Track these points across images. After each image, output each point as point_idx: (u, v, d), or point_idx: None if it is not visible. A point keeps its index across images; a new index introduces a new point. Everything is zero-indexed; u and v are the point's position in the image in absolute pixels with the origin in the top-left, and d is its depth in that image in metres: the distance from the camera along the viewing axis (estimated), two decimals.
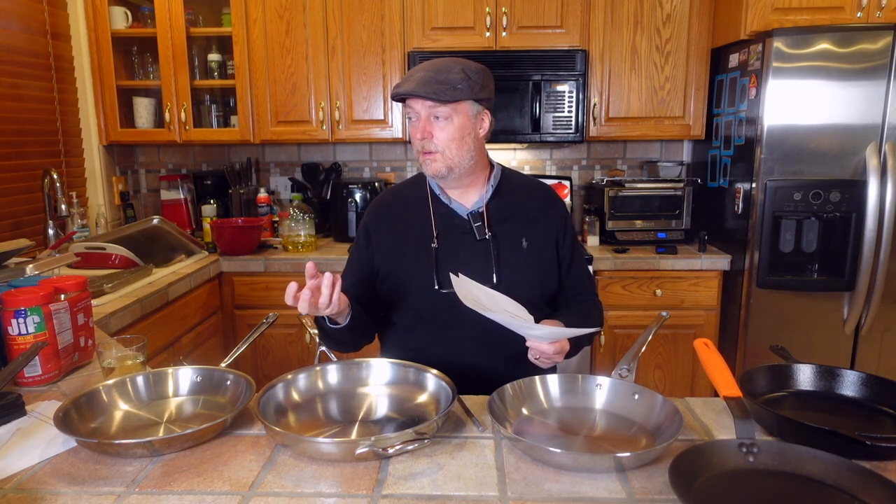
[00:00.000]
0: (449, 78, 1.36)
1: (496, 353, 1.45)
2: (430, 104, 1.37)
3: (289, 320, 2.49)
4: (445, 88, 1.35)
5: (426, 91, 1.35)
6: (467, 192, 1.50)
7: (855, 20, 2.49)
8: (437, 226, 1.48)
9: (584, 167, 3.30)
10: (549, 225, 1.52)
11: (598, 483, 0.92)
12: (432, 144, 1.39)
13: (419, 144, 1.41)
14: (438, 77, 1.36)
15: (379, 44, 2.85)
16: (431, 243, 1.46)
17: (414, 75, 1.38)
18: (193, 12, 2.95)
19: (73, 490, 0.91)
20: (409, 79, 1.38)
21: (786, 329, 2.55)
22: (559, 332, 1.27)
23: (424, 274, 1.44)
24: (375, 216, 1.55)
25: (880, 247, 2.40)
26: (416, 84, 1.35)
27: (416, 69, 1.40)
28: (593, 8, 2.80)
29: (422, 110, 1.39)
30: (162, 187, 3.26)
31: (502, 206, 1.50)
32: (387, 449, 0.93)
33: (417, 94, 1.35)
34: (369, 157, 3.32)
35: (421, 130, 1.40)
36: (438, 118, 1.39)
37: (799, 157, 2.43)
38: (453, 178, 1.45)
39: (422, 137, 1.40)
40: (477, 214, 1.47)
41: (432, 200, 1.50)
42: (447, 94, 1.36)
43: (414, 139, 1.43)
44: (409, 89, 1.36)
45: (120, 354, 1.28)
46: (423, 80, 1.36)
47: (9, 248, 1.63)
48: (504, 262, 1.45)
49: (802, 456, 0.91)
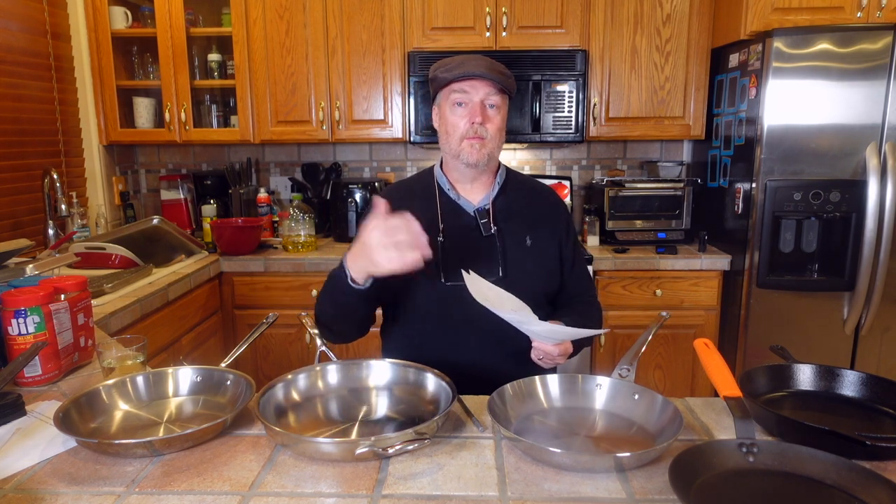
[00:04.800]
0: (505, 71, 1.40)
1: (499, 350, 1.45)
2: (490, 91, 1.39)
3: (289, 320, 2.49)
4: (506, 79, 1.39)
5: (495, 76, 1.37)
6: (476, 188, 1.51)
7: (855, 20, 2.49)
8: (444, 220, 1.48)
9: (584, 167, 3.30)
10: (553, 226, 1.54)
11: (598, 483, 0.92)
12: (485, 130, 1.41)
13: (470, 129, 1.40)
14: (497, 67, 1.39)
15: (379, 44, 2.85)
16: (438, 237, 1.46)
17: (470, 62, 1.39)
18: (193, 12, 2.95)
19: (73, 490, 0.91)
20: (463, 64, 1.38)
21: (786, 329, 2.55)
22: (565, 332, 1.27)
23: (431, 267, 1.44)
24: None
25: (880, 247, 2.40)
26: (484, 68, 1.37)
27: (463, 58, 1.41)
28: (593, 8, 2.80)
29: (477, 96, 1.40)
30: (162, 187, 3.26)
31: (508, 204, 1.51)
32: (387, 449, 0.93)
33: (488, 76, 1.36)
34: (369, 157, 3.32)
35: (479, 114, 1.39)
36: (493, 107, 1.41)
37: (799, 157, 2.43)
38: (481, 169, 1.46)
39: (480, 122, 1.40)
40: (484, 211, 1.48)
41: (439, 195, 1.51)
42: (508, 84, 1.39)
43: (457, 125, 1.42)
44: (479, 71, 1.36)
45: (120, 354, 1.28)
46: (487, 65, 1.37)
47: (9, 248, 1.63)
48: (509, 259, 1.46)
49: (802, 456, 0.91)
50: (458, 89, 1.41)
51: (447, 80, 1.41)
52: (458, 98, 1.41)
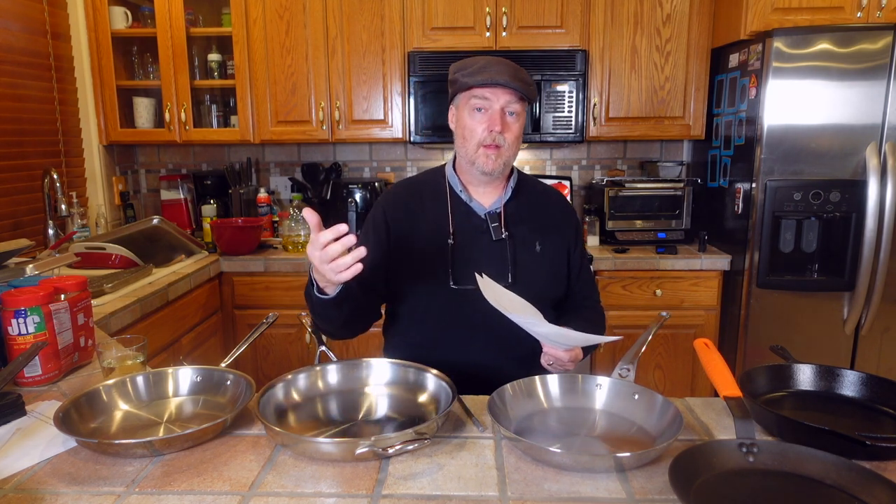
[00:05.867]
0: (527, 78, 1.37)
1: (503, 353, 1.45)
2: (511, 98, 1.36)
3: (289, 320, 2.49)
4: (529, 87, 1.36)
5: (518, 85, 1.33)
6: (488, 192, 1.50)
7: (855, 20, 2.49)
8: (454, 223, 1.47)
9: (584, 167, 3.30)
10: (563, 233, 1.53)
11: (597, 483, 0.92)
12: (502, 139, 1.38)
13: (488, 137, 1.38)
14: (520, 74, 1.35)
15: (379, 44, 2.85)
16: (448, 239, 1.45)
17: (492, 67, 1.35)
18: (193, 12, 2.95)
19: (73, 490, 0.91)
20: (486, 69, 1.35)
21: (786, 329, 2.55)
22: (577, 337, 1.25)
23: (440, 269, 1.44)
24: (393, 206, 1.52)
25: (880, 247, 2.40)
26: (509, 76, 1.33)
27: (486, 61, 1.37)
28: (593, 8, 2.80)
29: (497, 104, 1.37)
30: (162, 187, 3.26)
31: (519, 208, 1.50)
32: (387, 449, 0.93)
33: (511, 85, 1.33)
34: (369, 157, 3.32)
35: (499, 123, 1.36)
36: (513, 114, 1.38)
37: (799, 157, 2.43)
38: (496, 176, 1.44)
39: (500, 130, 1.37)
40: (494, 215, 1.47)
41: (451, 197, 1.50)
42: (530, 93, 1.36)
43: (475, 131, 1.39)
44: (503, 80, 1.33)
45: (120, 354, 1.28)
46: (510, 73, 1.34)
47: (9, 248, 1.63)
48: (519, 263, 1.46)
49: (802, 456, 0.91)
50: (479, 95, 1.37)
51: (468, 85, 1.37)
52: (478, 104, 1.38)
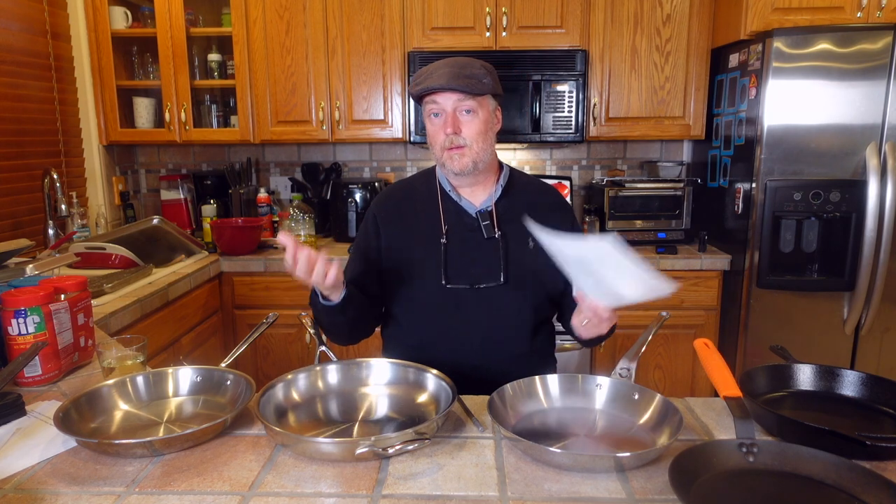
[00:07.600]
0: (474, 72, 1.37)
1: (499, 351, 1.45)
2: (459, 98, 1.38)
3: (289, 320, 2.48)
4: (473, 82, 1.36)
5: (457, 84, 1.35)
6: (477, 191, 1.50)
7: (855, 20, 2.49)
8: (446, 222, 1.48)
9: (584, 167, 3.30)
10: (558, 229, 1.52)
11: (597, 483, 0.92)
12: (461, 139, 1.40)
13: (446, 140, 1.40)
14: (464, 72, 1.37)
15: (379, 44, 2.85)
16: (441, 239, 1.46)
17: (436, 71, 1.37)
18: (193, 12, 2.95)
19: (73, 490, 0.91)
20: (430, 75, 1.37)
21: (786, 329, 2.55)
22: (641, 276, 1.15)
23: (433, 269, 1.44)
24: (384, 208, 1.54)
25: (880, 247, 2.40)
26: (446, 78, 1.35)
27: (434, 66, 1.39)
28: (593, 8, 2.80)
29: (448, 105, 1.38)
30: (162, 187, 3.26)
31: (511, 205, 1.50)
32: (387, 449, 0.93)
33: (449, 87, 1.35)
34: (369, 157, 3.32)
35: (451, 125, 1.39)
36: (467, 112, 1.39)
37: (799, 157, 2.43)
38: (474, 173, 1.44)
39: (452, 132, 1.39)
40: (486, 213, 1.47)
41: (442, 197, 1.50)
42: (476, 87, 1.37)
43: (437, 137, 1.42)
44: (439, 84, 1.35)
45: (120, 354, 1.28)
46: (450, 74, 1.36)
47: (9, 248, 1.63)
48: (512, 261, 1.46)
49: (802, 456, 0.91)
50: (430, 101, 1.41)
51: (417, 95, 1.41)
52: (433, 109, 1.41)
